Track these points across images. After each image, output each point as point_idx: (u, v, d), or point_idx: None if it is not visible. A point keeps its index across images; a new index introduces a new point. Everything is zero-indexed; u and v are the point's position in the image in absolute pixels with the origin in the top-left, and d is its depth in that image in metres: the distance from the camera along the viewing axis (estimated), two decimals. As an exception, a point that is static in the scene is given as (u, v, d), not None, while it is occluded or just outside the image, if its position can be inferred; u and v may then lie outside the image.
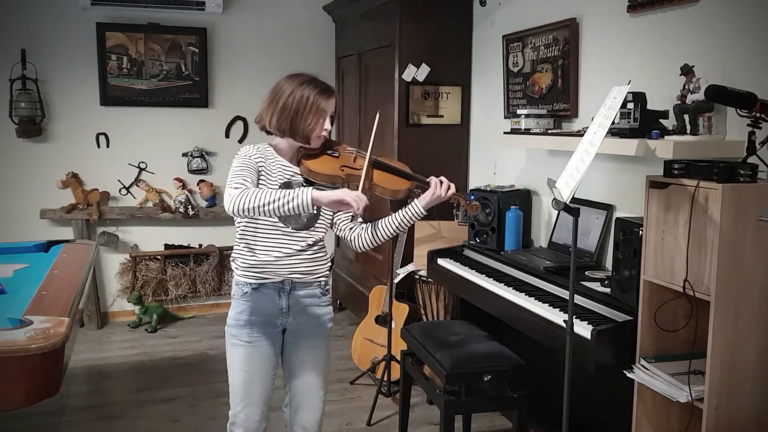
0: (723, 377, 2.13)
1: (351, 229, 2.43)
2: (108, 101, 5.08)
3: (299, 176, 2.34)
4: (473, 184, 4.30)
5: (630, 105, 2.51)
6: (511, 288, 3.07)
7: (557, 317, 2.68)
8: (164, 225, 5.31)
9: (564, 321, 2.34)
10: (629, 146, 2.49)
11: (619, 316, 2.56)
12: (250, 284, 2.35)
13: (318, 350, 2.45)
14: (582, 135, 2.41)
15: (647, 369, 2.32)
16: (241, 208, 2.08)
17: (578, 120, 3.35)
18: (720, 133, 2.51)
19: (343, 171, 2.32)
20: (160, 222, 5.27)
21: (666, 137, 2.47)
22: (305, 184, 2.32)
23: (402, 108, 4.24)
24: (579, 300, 2.72)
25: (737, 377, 2.15)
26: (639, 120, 2.49)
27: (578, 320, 2.53)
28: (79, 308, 2.61)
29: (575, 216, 2.26)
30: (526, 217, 3.65)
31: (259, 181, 2.28)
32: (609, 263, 2.94)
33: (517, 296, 2.98)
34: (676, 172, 2.22)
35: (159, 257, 5.26)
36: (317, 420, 2.48)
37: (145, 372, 4.29)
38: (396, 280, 4.01)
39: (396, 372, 3.71)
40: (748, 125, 2.22)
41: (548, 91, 3.53)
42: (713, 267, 2.08)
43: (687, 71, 2.50)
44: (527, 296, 2.95)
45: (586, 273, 2.94)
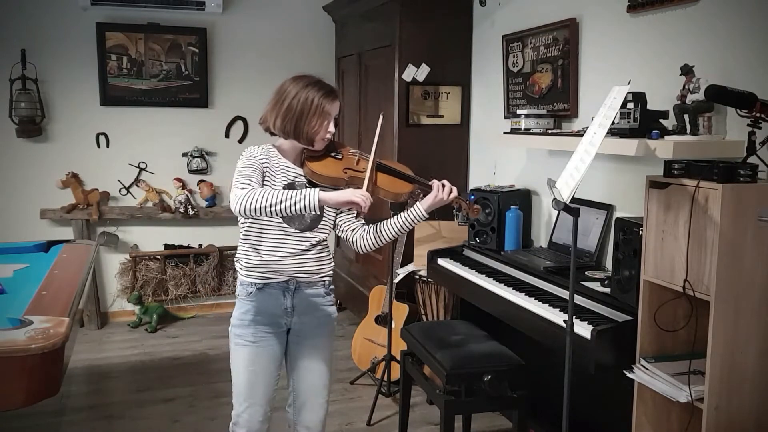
0: (723, 377, 2.13)
1: (353, 231, 2.44)
2: (108, 101, 5.08)
3: (302, 178, 2.35)
4: (473, 184, 4.30)
5: (630, 105, 2.51)
6: (511, 288, 3.07)
7: (557, 317, 2.68)
8: (164, 225, 5.31)
9: (564, 321, 2.34)
10: (629, 146, 2.49)
11: (619, 316, 2.56)
12: (255, 284, 2.35)
13: (322, 350, 2.46)
14: (582, 135, 2.41)
15: (647, 369, 2.32)
16: (248, 208, 2.09)
17: (578, 120, 3.35)
18: (720, 133, 2.51)
19: (346, 173, 2.33)
20: (160, 222, 5.27)
21: (666, 137, 2.47)
22: (308, 186, 2.33)
23: (402, 108, 4.24)
24: (579, 300, 2.72)
25: (737, 377, 2.15)
26: (639, 120, 2.49)
27: (578, 320, 2.53)
28: (79, 308, 2.61)
29: (575, 216, 2.26)
30: (526, 217, 3.65)
31: (264, 182, 2.28)
32: (609, 263, 2.94)
33: (517, 296, 2.98)
34: (676, 172, 2.22)
35: (159, 257, 5.26)
36: (321, 420, 2.48)
37: (145, 372, 4.29)
38: (396, 280, 4.01)
39: (396, 372, 3.71)
40: (748, 125, 2.22)
41: (548, 91, 3.53)
42: (713, 267, 2.08)
43: (687, 71, 2.50)
44: (527, 296, 2.95)
45: (586, 273, 2.94)
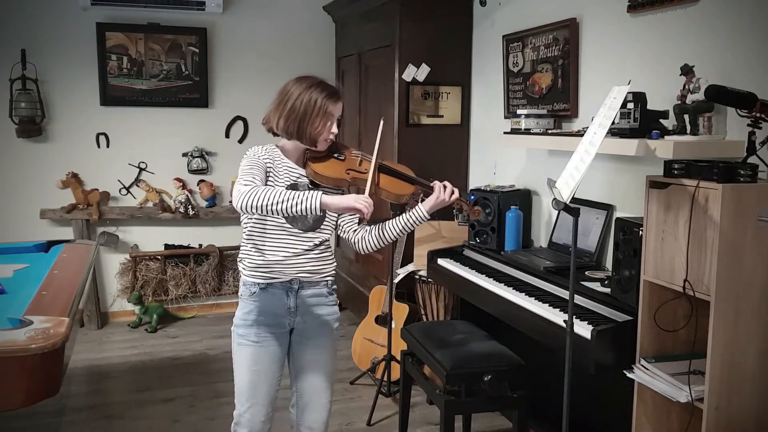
0: (723, 377, 2.13)
1: (355, 232, 2.44)
2: (108, 101, 5.08)
3: (305, 178, 2.35)
4: (473, 184, 4.30)
5: (630, 105, 2.51)
6: (511, 288, 3.07)
7: (557, 317, 2.68)
8: (164, 225, 5.31)
9: (564, 321, 2.34)
10: (629, 146, 2.49)
11: (619, 316, 2.56)
12: (258, 284, 2.35)
13: (325, 350, 2.46)
14: (582, 135, 2.41)
15: (647, 369, 2.32)
16: (250, 205, 2.09)
17: (578, 120, 3.35)
18: (720, 133, 2.51)
19: (349, 174, 2.33)
20: (160, 222, 5.27)
21: (666, 137, 2.47)
22: (311, 187, 2.34)
23: (402, 108, 4.24)
24: (579, 300, 2.72)
25: (737, 377, 2.15)
26: (639, 120, 2.49)
27: (578, 320, 2.53)
28: (79, 308, 2.61)
29: (575, 216, 2.26)
30: (526, 217, 3.65)
31: (267, 182, 2.29)
32: (609, 263, 2.94)
33: (517, 296, 2.98)
34: (676, 172, 2.22)
35: (159, 257, 5.26)
36: (324, 420, 2.48)
37: (145, 372, 4.29)
38: (396, 280, 4.01)
39: (396, 372, 3.71)
40: (748, 125, 2.22)
41: (548, 91, 3.53)
42: (713, 267, 2.08)
43: (687, 71, 2.50)
44: (527, 296, 2.95)
45: (586, 273, 2.94)
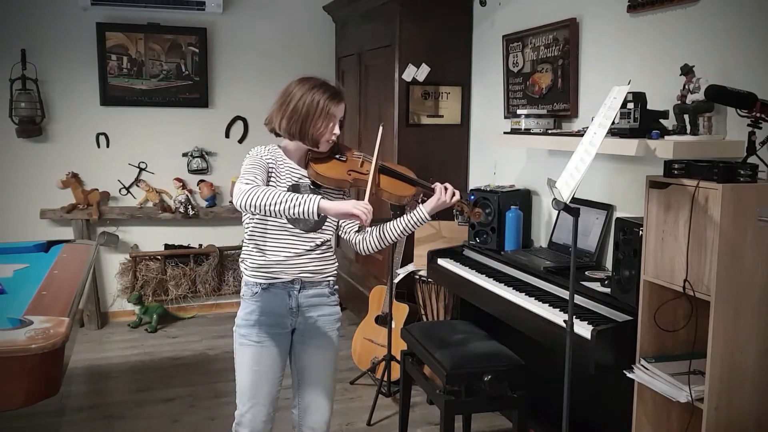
0: (723, 377, 2.13)
1: (356, 232, 2.45)
2: (108, 101, 5.08)
3: (307, 179, 2.35)
4: (473, 184, 4.30)
5: (630, 105, 2.51)
6: (511, 288, 3.07)
7: (557, 317, 2.68)
8: (164, 225, 5.31)
9: (564, 321, 2.34)
10: (629, 146, 2.49)
11: (619, 316, 2.56)
12: (260, 284, 2.35)
13: (327, 350, 2.46)
14: (582, 135, 2.41)
15: (647, 369, 2.32)
16: (250, 204, 2.10)
17: (578, 120, 3.35)
18: (720, 133, 2.51)
19: (351, 175, 2.34)
20: (160, 222, 5.27)
21: (666, 137, 2.47)
22: (312, 187, 2.35)
23: (402, 108, 4.24)
24: (579, 300, 2.72)
25: (737, 377, 2.15)
26: (639, 120, 2.49)
27: (578, 320, 2.53)
28: (79, 308, 2.61)
29: (575, 216, 2.26)
30: (526, 217, 3.65)
31: (269, 182, 2.30)
32: (609, 263, 2.94)
33: (517, 296, 2.98)
34: (676, 172, 2.22)
35: (159, 257, 5.26)
36: (326, 421, 2.48)
37: (145, 372, 4.29)
38: (396, 280, 4.01)
39: (396, 372, 3.71)
40: (748, 125, 2.22)
41: (548, 91, 3.53)
42: (713, 267, 2.08)
43: (687, 71, 2.50)
44: (527, 296, 2.95)
45: (586, 273, 2.94)
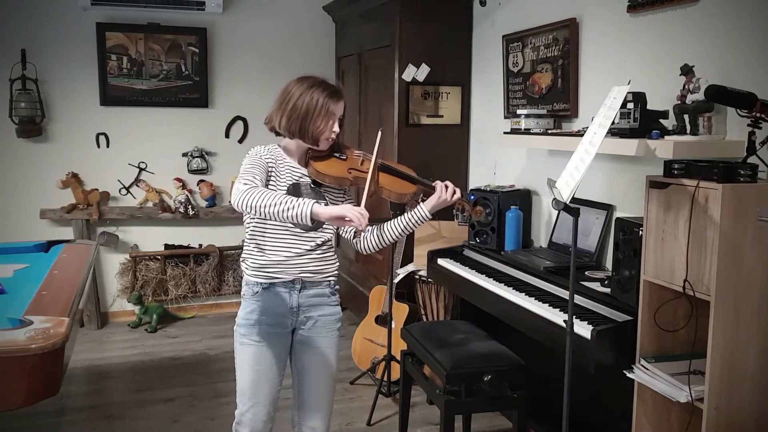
0: (723, 377, 2.13)
1: (357, 232, 2.44)
2: (108, 101, 5.08)
3: (307, 178, 2.36)
4: (473, 184, 4.30)
5: (630, 105, 2.51)
6: (511, 288, 3.07)
7: (557, 317, 2.68)
8: (164, 225, 5.31)
9: (564, 321, 2.34)
10: (629, 146, 2.49)
11: (619, 316, 2.56)
12: (261, 284, 2.36)
13: (327, 350, 2.46)
14: (582, 135, 2.41)
15: (647, 369, 2.32)
16: (246, 205, 2.10)
17: (578, 120, 3.35)
18: (720, 133, 2.51)
19: (351, 173, 2.35)
20: (160, 222, 5.27)
21: (666, 137, 2.47)
22: (313, 186, 2.35)
23: (402, 108, 4.24)
24: (579, 300, 2.72)
25: (737, 377, 2.15)
26: (639, 120, 2.49)
27: (578, 320, 2.53)
28: (79, 308, 2.61)
29: (575, 216, 2.26)
30: (526, 217, 3.65)
31: (269, 182, 2.30)
32: (609, 263, 2.94)
33: (517, 296, 2.98)
34: (676, 172, 2.22)
35: (159, 257, 5.26)
36: (326, 421, 2.48)
37: (145, 372, 4.29)
38: (396, 280, 4.00)
39: (396, 372, 3.71)
40: (748, 125, 2.22)
41: (548, 91, 3.53)
42: (713, 267, 2.08)
43: (687, 71, 2.50)
44: (527, 296, 2.95)
45: (586, 273, 2.94)
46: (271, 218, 2.15)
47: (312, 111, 2.28)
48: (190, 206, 5.22)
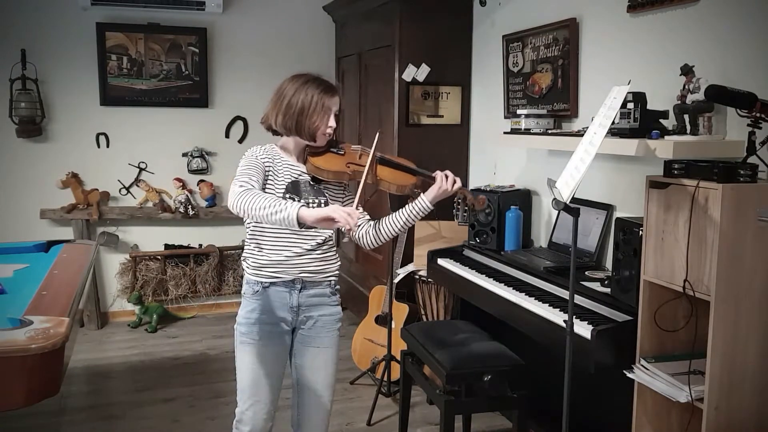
0: (723, 377, 2.13)
1: (358, 227, 2.44)
2: (108, 101, 5.08)
3: (306, 175, 2.36)
4: (473, 184, 4.30)
5: (630, 105, 2.51)
6: (511, 288, 3.07)
7: (557, 317, 2.68)
8: (164, 225, 5.31)
9: (564, 321, 2.33)
10: (629, 146, 2.49)
11: (619, 316, 2.56)
12: (261, 283, 2.36)
13: (327, 349, 2.46)
14: (582, 135, 2.41)
15: (647, 369, 2.32)
16: (239, 208, 2.11)
17: (578, 120, 3.35)
18: (720, 133, 2.51)
19: (349, 167, 2.35)
20: (160, 222, 5.27)
21: (666, 137, 2.47)
22: (312, 183, 2.35)
23: (402, 108, 4.24)
24: (579, 300, 2.72)
25: (737, 377, 2.15)
26: (639, 120, 2.49)
27: (578, 320, 2.53)
28: (79, 308, 2.61)
29: (575, 216, 2.26)
30: (526, 217, 3.65)
31: (267, 181, 2.30)
32: (609, 263, 2.94)
33: (517, 296, 2.98)
34: (676, 172, 2.22)
35: (159, 257, 5.26)
36: (324, 419, 2.48)
37: (145, 372, 4.29)
38: (396, 280, 4.00)
39: (396, 372, 3.71)
40: (748, 125, 2.22)
41: (548, 91, 3.53)
42: (713, 267, 2.08)
43: (687, 71, 2.50)
44: (527, 296, 2.94)
45: (586, 273, 2.94)
46: (263, 222, 2.15)
47: (307, 107, 2.28)
48: (190, 206, 5.22)
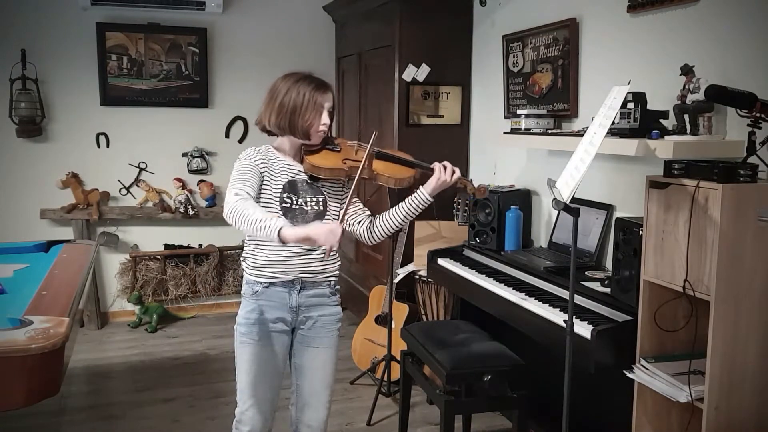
0: (723, 377, 2.13)
1: (359, 223, 2.45)
2: (108, 101, 5.08)
3: (303, 174, 2.36)
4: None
5: (630, 105, 2.51)
6: (511, 288, 3.07)
7: (557, 317, 2.68)
8: (164, 225, 5.31)
9: (564, 321, 2.34)
10: (629, 146, 2.49)
11: (619, 316, 2.56)
12: (261, 283, 2.36)
13: (326, 350, 2.46)
14: (582, 135, 2.41)
15: (647, 369, 2.32)
16: (232, 220, 2.11)
17: (578, 120, 3.35)
18: (720, 133, 2.51)
19: (346, 164, 2.35)
20: (160, 222, 5.27)
21: (666, 137, 2.47)
22: (310, 181, 2.35)
23: (402, 108, 4.24)
24: (579, 300, 2.72)
25: (737, 377, 2.15)
26: (639, 120, 2.49)
27: (578, 320, 2.53)
28: (79, 308, 2.61)
29: (575, 216, 2.26)
30: (526, 217, 3.65)
31: (263, 183, 2.30)
32: (609, 263, 2.94)
33: (517, 296, 2.98)
34: (676, 172, 2.22)
35: (159, 257, 5.26)
36: (323, 419, 2.48)
37: (145, 372, 4.29)
38: (396, 280, 4.00)
39: (396, 372, 3.71)
40: (748, 125, 2.22)
41: (548, 91, 3.53)
42: (713, 267, 2.08)
43: (687, 71, 2.50)
44: (527, 296, 2.95)
45: (586, 273, 2.94)
46: (250, 233, 2.15)
47: (300, 105, 2.28)
48: (190, 206, 5.22)
